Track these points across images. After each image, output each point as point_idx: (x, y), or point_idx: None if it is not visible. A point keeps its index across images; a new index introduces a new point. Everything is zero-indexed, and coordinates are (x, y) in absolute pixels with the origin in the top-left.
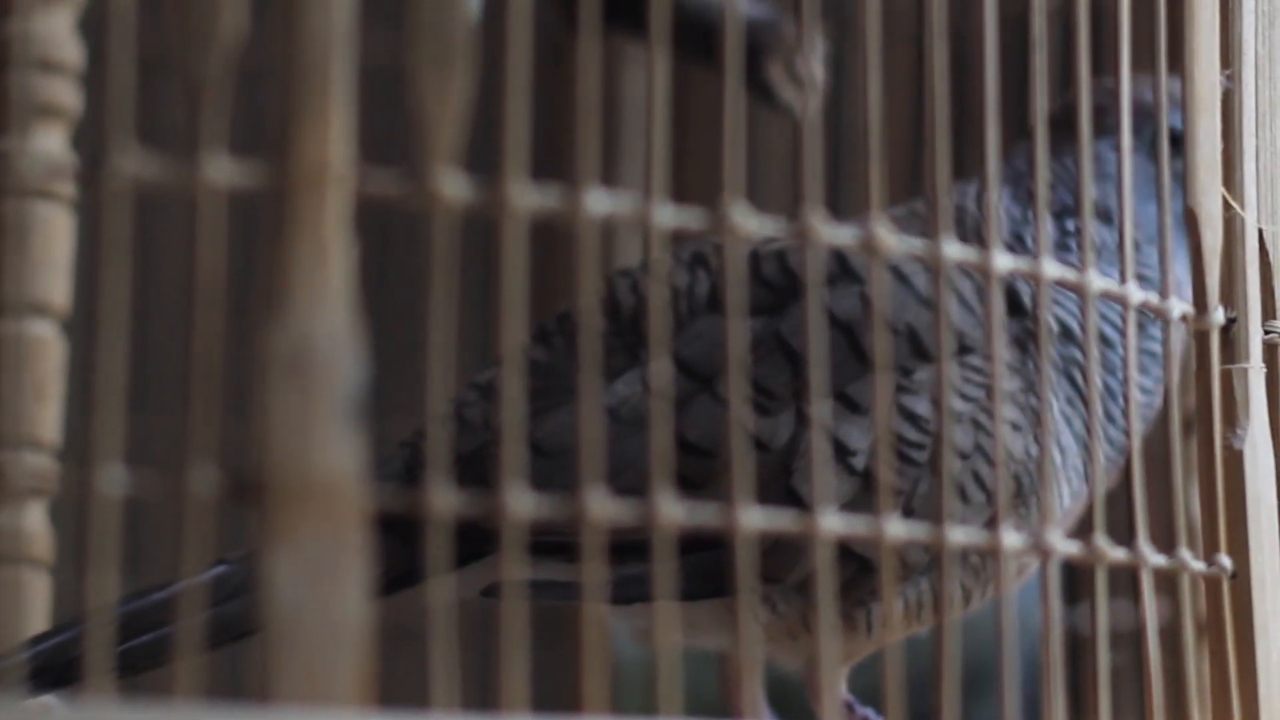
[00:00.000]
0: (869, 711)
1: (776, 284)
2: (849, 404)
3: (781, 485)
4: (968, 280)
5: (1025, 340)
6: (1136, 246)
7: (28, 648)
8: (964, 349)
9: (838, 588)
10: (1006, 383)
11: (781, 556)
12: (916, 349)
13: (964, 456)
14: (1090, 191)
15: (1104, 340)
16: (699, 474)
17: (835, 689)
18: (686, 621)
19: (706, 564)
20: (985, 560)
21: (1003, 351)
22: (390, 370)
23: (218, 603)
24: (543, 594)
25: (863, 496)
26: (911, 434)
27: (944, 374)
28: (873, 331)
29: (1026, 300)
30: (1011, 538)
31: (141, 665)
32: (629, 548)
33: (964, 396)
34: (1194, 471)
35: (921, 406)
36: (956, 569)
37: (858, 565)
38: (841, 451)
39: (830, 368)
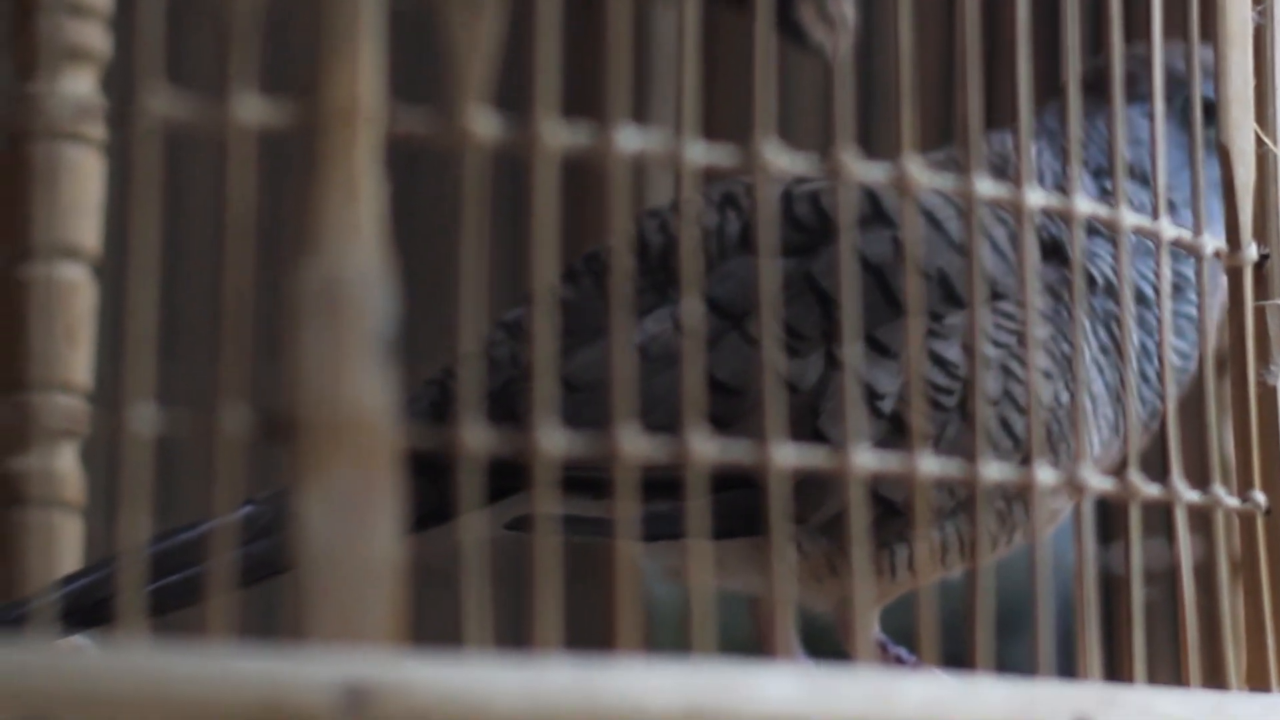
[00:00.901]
0: (902, 650)
1: (809, 225)
2: (878, 347)
3: (809, 426)
4: (1002, 227)
5: (1060, 288)
6: (1172, 207)
7: (59, 587)
8: (996, 295)
9: (864, 530)
10: (1038, 330)
11: (807, 497)
12: (948, 294)
13: (993, 403)
14: (1124, 146)
15: (1140, 299)
16: (727, 413)
17: (868, 629)
18: (716, 562)
19: (737, 502)
20: (1012, 505)
21: (1035, 293)
22: (421, 308)
23: (246, 542)
24: (573, 530)
25: (890, 440)
26: (940, 379)
27: (975, 318)
28: (904, 275)
29: (1063, 245)
30: (1046, 474)
31: (172, 605)
32: (659, 485)
33: (995, 342)
34: (1227, 408)
35: (951, 352)
36: (987, 512)
37: (883, 508)
38: (870, 395)
39: (861, 310)
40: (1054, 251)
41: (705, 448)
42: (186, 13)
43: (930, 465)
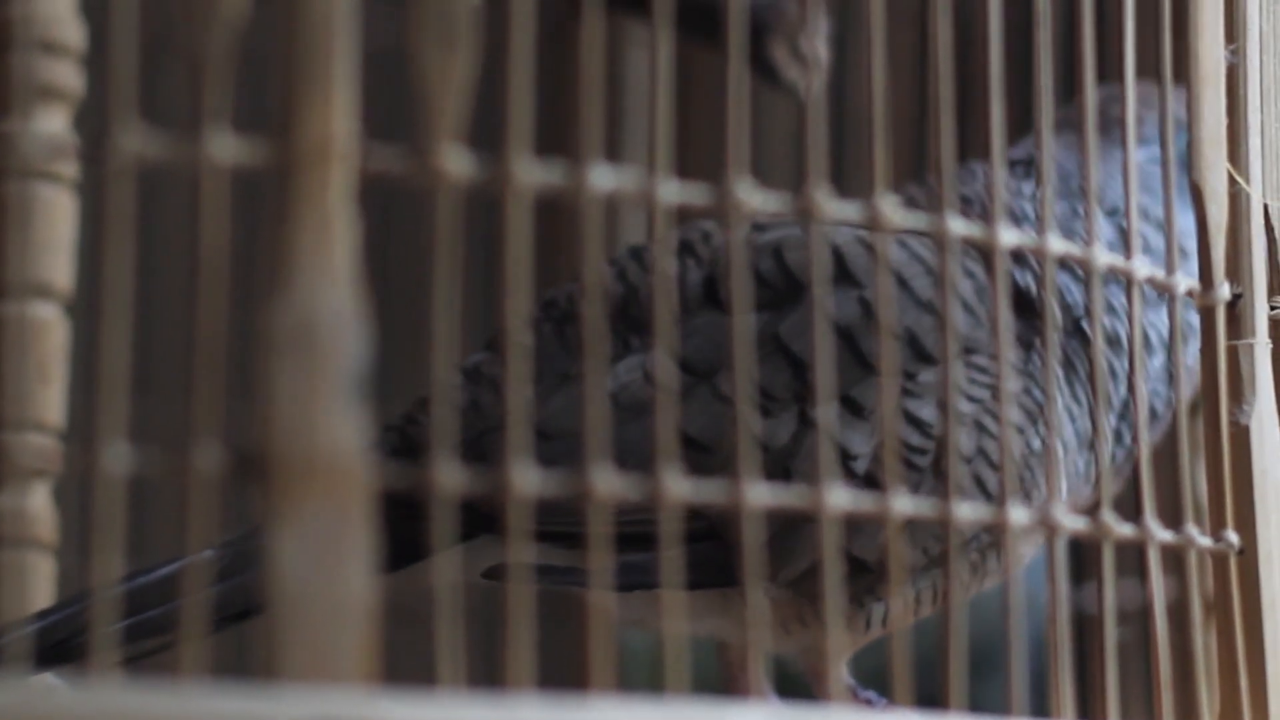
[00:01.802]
0: (872, 694)
1: (773, 282)
2: (851, 407)
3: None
4: (968, 281)
5: (1030, 340)
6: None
7: (30, 625)
8: (966, 350)
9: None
10: (1011, 382)
11: (777, 551)
12: (917, 352)
13: (967, 460)
14: (1097, 177)
15: (1112, 341)
16: (699, 469)
17: (838, 675)
18: (687, 610)
19: (709, 553)
20: (985, 556)
21: (1008, 338)
22: (394, 348)
23: (210, 585)
24: (547, 579)
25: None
26: (914, 438)
27: (948, 370)
28: (872, 336)
29: (1032, 295)
30: (1018, 513)
31: (143, 643)
32: (632, 537)
33: (968, 397)
34: (1200, 448)
35: (925, 411)
36: (960, 562)
37: (853, 565)
38: (843, 455)
39: (830, 372)
40: (1025, 302)
41: (678, 487)
42: (159, 51)
43: (904, 505)
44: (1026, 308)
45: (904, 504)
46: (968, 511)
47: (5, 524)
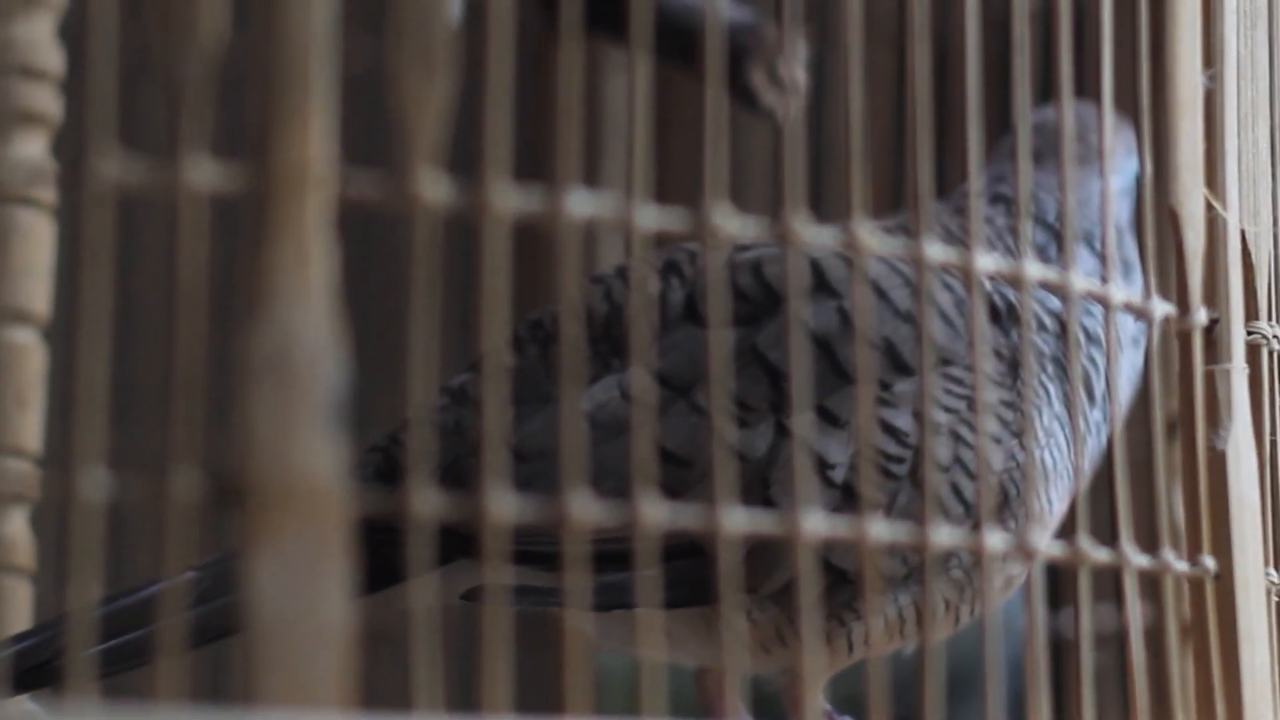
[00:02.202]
0: (847, 719)
1: (752, 296)
2: (828, 417)
3: (759, 496)
4: (947, 293)
5: (1010, 352)
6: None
7: (7, 648)
8: (944, 361)
9: (814, 597)
10: (989, 394)
11: (757, 564)
12: (895, 363)
13: (944, 469)
14: (1073, 202)
15: (1091, 361)
16: (677, 483)
17: (815, 698)
18: (664, 632)
19: (687, 572)
20: (970, 574)
21: (985, 356)
22: (371, 374)
23: (188, 609)
24: (524, 600)
25: (842, 509)
26: (891, 448)
27: (925, 382)
28: (850, 346)
29: (1014, 308)
30: (995, 539)
31: (120, 667)
32: (609, 556)
33: (945, 408)
34: (1177, 473)
35: (901, 420)
36: (939, 579)
37: (834, 577)
38: (821, 464)
39: (809, 382)
40: (1010, 316)
41: (655, 512)
42: (138, 76)
43: (880, 530)
44: (1004, 321)
45: (880, 529)
46: (944, 536)
47: None
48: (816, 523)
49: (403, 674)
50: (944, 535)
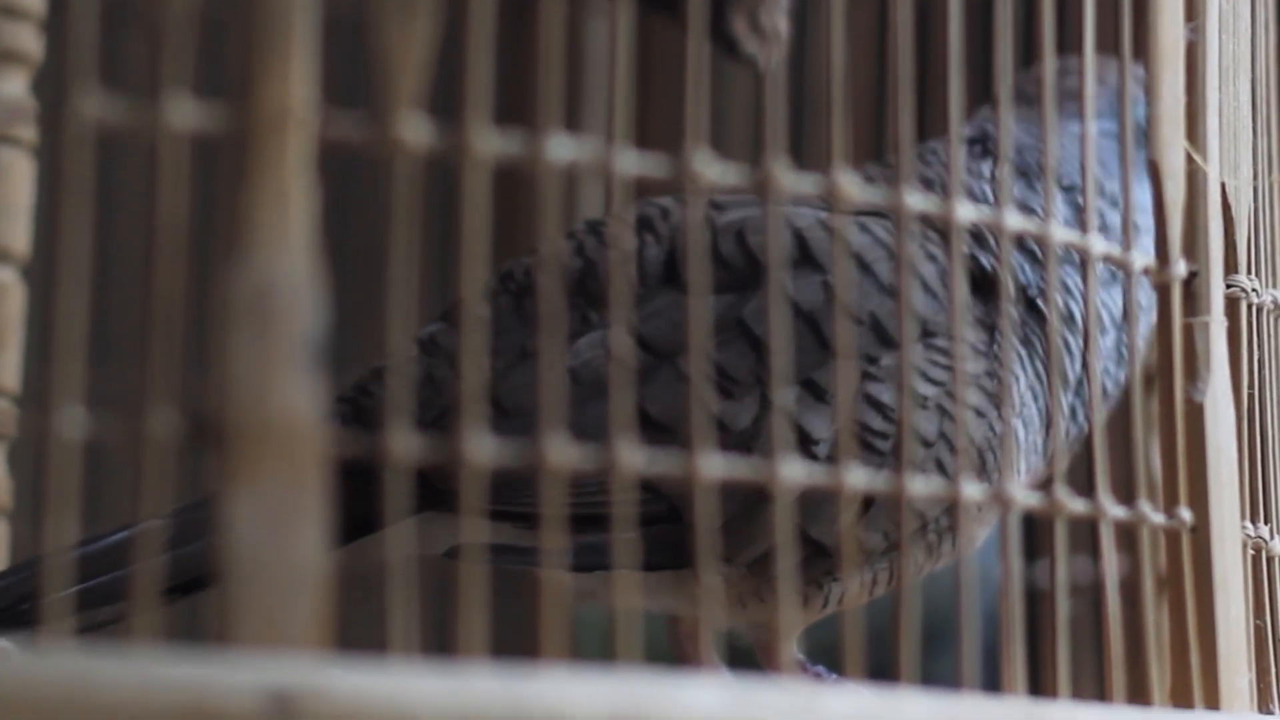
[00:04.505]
0: (821, 669)
1: (735, 264)
2: (814, 391)
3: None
4: (931, 265)
5: (992, 322)
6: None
7: None
8: (928, 333)
9: (792, 564)
10: (971, 365)
11: (735, 535)
12: (880, 337)
13: (928, 444)
14: (1055, 151)
15: (1067, 320)
16: (660, 448)
17: (789, 650)
18: (640, 589)
19: (667, 535)
20: (942, 537)
21: (965, 320)
22: (350, 316)
23: (164, 551)
24: (502, 559)
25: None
26: (876, 422)
27: (906, 353)
28: (835, 319)
29: (993, 277)
30: (971, 489)
31: (95, 609)
32: (588, 519)
33: (930, 380)
34: (1154, 425)
35: (886, 395)
36: (916, 543)
37: (813, 548)
38: (804, 439)
39: (794, 355)
40: (987, 284)
41: (633, 457)
42: (119, 16)
43: (859, 477)
44: (988, 291)
45: (858, 478)
46: (922, 486)
47: None
48: (795, 470)
49: (379, 616)
50: (920, 485)
